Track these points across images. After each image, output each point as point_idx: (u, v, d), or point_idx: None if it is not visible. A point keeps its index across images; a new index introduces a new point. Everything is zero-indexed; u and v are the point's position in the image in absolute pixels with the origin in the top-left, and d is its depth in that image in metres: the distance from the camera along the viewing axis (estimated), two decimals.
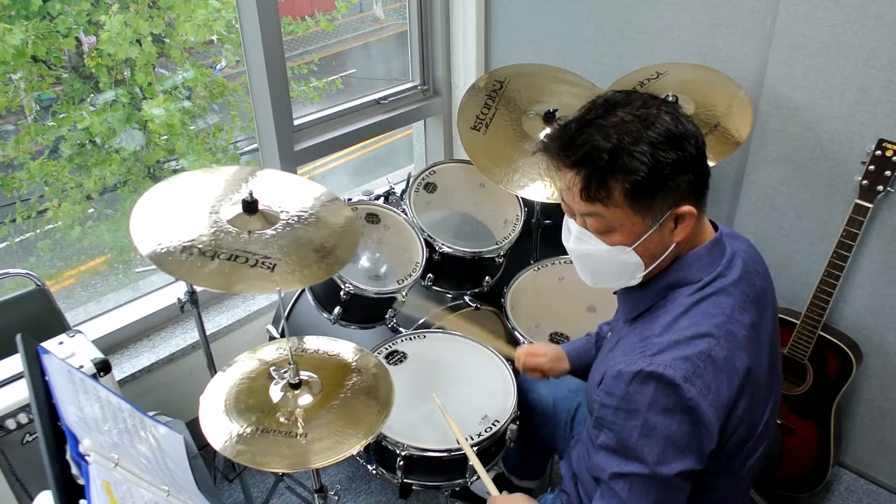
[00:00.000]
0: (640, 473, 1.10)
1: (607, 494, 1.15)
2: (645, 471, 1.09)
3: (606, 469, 1.15)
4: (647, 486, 1.11)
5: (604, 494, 1.16)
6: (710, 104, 1.92)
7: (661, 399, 1.06)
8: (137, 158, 3.18)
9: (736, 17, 1.98)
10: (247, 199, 1.44)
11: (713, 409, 1.07)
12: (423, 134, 2.89)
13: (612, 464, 1.13)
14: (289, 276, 1.34)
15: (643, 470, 1.09)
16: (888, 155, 1.78)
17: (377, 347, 1.79)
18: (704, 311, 1.12)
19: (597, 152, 1.06)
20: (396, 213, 2.00)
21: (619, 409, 1.11)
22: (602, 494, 1.17)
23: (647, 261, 1.14)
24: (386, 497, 2.18)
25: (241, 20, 2.10)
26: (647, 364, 1.07)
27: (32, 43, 2.62)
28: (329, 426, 1.33)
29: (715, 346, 1.09)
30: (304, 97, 3.69)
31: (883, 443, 2.15)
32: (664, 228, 1.11)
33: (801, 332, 1.96)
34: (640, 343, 1.13)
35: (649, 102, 1.10)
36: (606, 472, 1.15)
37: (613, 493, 1.14)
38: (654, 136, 1.05)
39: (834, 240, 1.86)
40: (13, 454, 1.57)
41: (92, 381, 1.18)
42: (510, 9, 2.48)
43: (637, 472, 1.10)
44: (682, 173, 1.07)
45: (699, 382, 1.06)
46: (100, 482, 0.93)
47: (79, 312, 2.21)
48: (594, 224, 1.13)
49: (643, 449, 1.09)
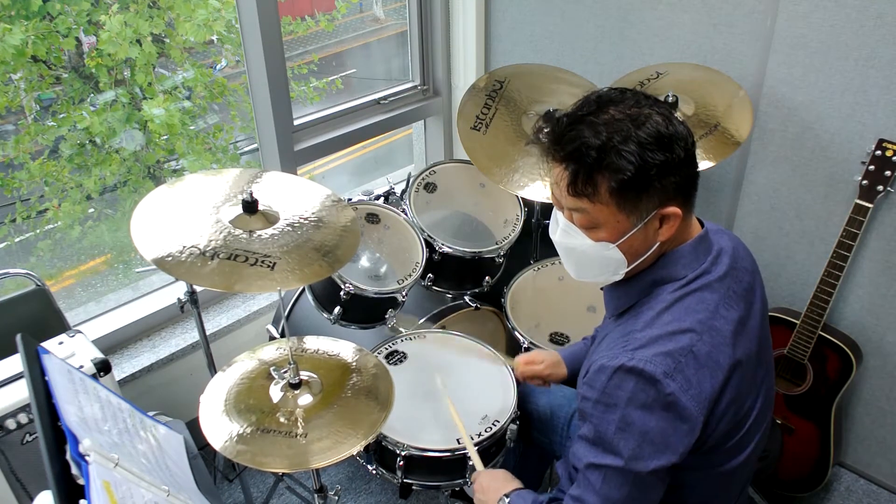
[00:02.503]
0: (614, 466, 1.12)
1: (582, 484, 1.17)
2: (620, 464, 1.11)
3: (583, 459, 1.16)
4: (620, 479, 1.12)
5: (580, 483, 1.18)
6: (709, 104, 1.92)
7: (641, 395, 1.07)
8: (137, 158, 3.18)
9: (736, 17, 1.98)
10: (247, 199, 1.44)
11: (695, 403, 1.08)
12: (423, 134, 2.89)
13: (589, 454, 1.15)
14: (289, 274, 1.34)
15: (618, 463, 1.11)
16: (888, 155, 1.78)
17: (377, 347, 1.79)
18: (687, 307, 1.13)
19: (585, 149, 1.07)
20: (396, 213, 2.00)
21: (598, 403, 1.12)
22: (578, 483, 1.19)
23: (631, 258, 1.15)
24: (386, 497, 2.18)
25: (241, 20, 2.10)
26: (628, 359, 1.08)
27: (32, 43, 2.62)
28: (329, 426, 1.34)
29: (697, 342, 1.10)
30: (304, 97, 3.69)
31: (883, 443, 2.15)
32: (649, 227, 1.12)
33: (801, 332, 1.96)
34: (623, 338, 1.14)
35: (642, 102, 1.11)
36: (583, 462, 1.17)
37: (588, 483, 1.16)
38: (644, 137, 1.06)
39: (834, 240, 1.86)
40: (13, 454, 1.57)
41: (92, 381, 1.18)
42: (510, 9, 2.48)
43: (612, 464, 1.12)
44: (670, 175, 1.08)
45: (680, 378, 1.07)
46: (100, 482, 0.93)
47: (79, 312, 2.21)
48: (580, 219, 1.14)
49: (619, 443, 1.10)
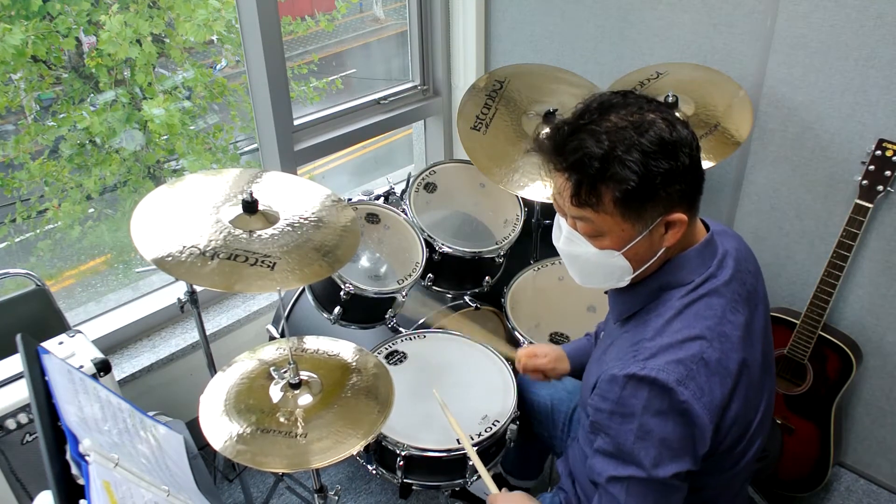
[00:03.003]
0: (637, 477, 1.10)
1: (605, 498, 1.15)
2: (642, 474, 1.09)
3: (603, 473, 1.14)
4: (644, 489, 1.11)
5: (602, 498, 1.16)
6: (710, 104, 1.91)
7: (656, 402, 1.06)
8: (137, 158, 3.18)
9: (736, 17, 1.98)
10: (247, 199, 1.44)
11: (707, 411, 1.07)
12: (423, 134, 2.89)
13: (609, 468, 1.13)
14: (289, 274, 1.34)
15: (640, 473, 1.09)
16: (888, 155, 1.78)
17: (377, 347, 1.80)
18: (696, 314, 1.12)
19: (588, 159, 1.05)
20: (396, 213, 2.00)
21: (613, 414, 1.10)
22: (601, 498, 1.17)
23: (636, 265, 1.14)
24: (386, 497, 2.18)
25: (241, 20, 2.10)
26: (639, 368, 1.07)
27: (32, 43, 2.62)
28: (329, 426, 1.33)
29: (707, 349, 1.09)
30: (304, 97, 3.69)
31: (883, 443, 2.15)
32: (654, 234, 1.11)
33: (801, 332, 1.95)
34: (633, 347, 1.13)
35: (644, 106, 1.09)
36: (603, 476, 1.14)
37: (612, 497, 1.13)
38: (647, 145, 1.04)
39: (834, 240, 1.86)
40: (13, 454, 1.57)
41: (92, 381, 1.18)
42: (510, 9, 2.48)
43: (634, 475, 1.10)
44: (675, 182, 1.07)
45: (692, 385, 1.06)
46: (100, 482, 0.93)
47: (79, 312, 2.21)
48: (584, 228, 1.13)
49: (639, 452, 1.09)
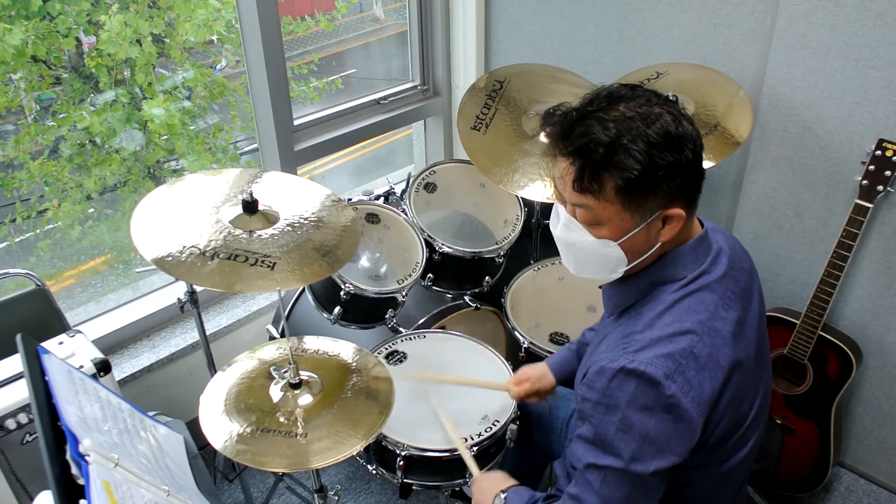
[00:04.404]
0: (614, 467, 1.11)
1: (581, 483, 1.17)
2: (620, 465, 1.10)
3: (582, 459, 1.16)
4: (620, 480, 1.12)
5: (578, 483, 1.18)
6: (709, 104, 1.91)
7: (641, 397, 1.07)
8: (137, 158, 3.18)
9: (736, 17, 1.98)
10: (247, 199, 1.44)
11: (695, 405, 1.08)
12: (423, 134, 2.89)
13: (589, 455, 1.15)
14: (289, 274, 1.34)
15: (618, 464, 1.10)
16: (888, 155, 1.78)
17: (377, 347, 1.79)
18: (687, 308, 1.12)
19: (594, 145, 1.06)
20: (396, 213, 2.00)
21: (598, 404, 1.11)
22: (576, 482, 1.18)
23: (631, 257, 1.15)
24: (386, 497, 2.18)
25: (241, 20, 2.10)
26: (628, 361, 1.08)
27: (32, 43, 2.62)
28: (329, 426, 1.33)
29: (697, 343, 1.09)
30: (304, 97, 3.69)
31: (883, 443, 2.15)
32: (651, 227, 1.12)
33: (801, 332, 1.96)
34: (624, 339, 1.13)
35: (653, 100, 1.10)
36: (582, 462, 1.16)
37: (587, 483, 1.15)
38: (653, 136, 1.05)
39: (834, 240, 1.86)
40: (13, 454, 1.57)
41: (92, 381, 1.18)
42: (510, 9, 2.48)
43: (612, 465, 1.11)
44: (677, 176, 1.08)
45: (680, 379, 1.07)
46: (100, 482, 0.93)
47: (79, 312, 2.21)
48: (583, 215, 1.14)
49: (619, 444, 1.10)
